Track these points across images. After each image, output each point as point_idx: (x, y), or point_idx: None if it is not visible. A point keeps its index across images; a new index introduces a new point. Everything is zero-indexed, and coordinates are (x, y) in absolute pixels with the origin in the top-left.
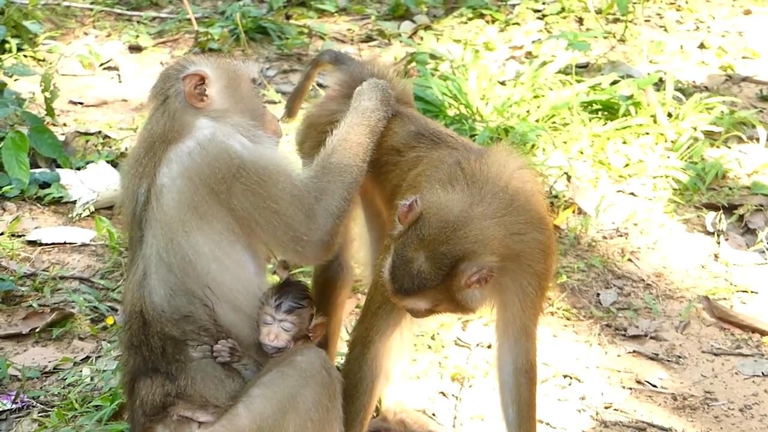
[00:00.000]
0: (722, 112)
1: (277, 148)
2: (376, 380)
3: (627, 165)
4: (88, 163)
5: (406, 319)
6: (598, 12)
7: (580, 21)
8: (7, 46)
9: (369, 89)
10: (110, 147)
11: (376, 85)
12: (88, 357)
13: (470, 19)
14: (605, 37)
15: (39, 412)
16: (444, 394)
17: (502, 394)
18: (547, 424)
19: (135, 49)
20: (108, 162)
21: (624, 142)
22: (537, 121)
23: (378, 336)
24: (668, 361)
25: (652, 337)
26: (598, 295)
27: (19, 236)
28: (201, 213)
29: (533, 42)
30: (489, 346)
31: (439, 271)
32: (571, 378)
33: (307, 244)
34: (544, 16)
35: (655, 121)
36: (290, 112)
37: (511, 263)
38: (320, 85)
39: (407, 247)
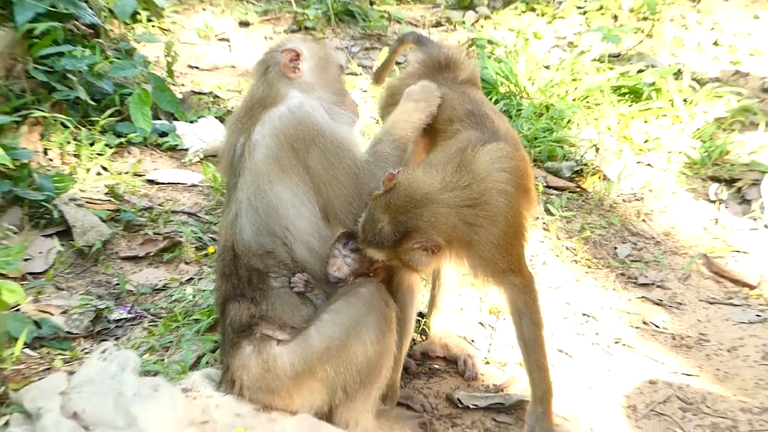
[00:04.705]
0: (729, 100)
1: (352, 128)
2: (410, 301)
3: (646, 141)
4: (200, 117)
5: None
6: (631, 11)
7: (615, 18)
8: (138, 17)
9: (418, 91)
10: (219, 105)
11: (424, 88)
12: (191, 278)
13: (523, 12)
14: (635, 32)
15: (149, 322)
16: (482, 325)
17: (514, 331)
18: (566, 353)
19: (244, 24)
20: (216, 117)
21: (645, 122)
22: (573, 100)
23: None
24: (670, 306)
25: (658, 286)
26: (616, 248)
27: (140, 176)
28: (283, 166)
29: (575, 34)
30: None
31: (394, 234)
32: (588, 316)
33: (350, 215)
34: (585, 12)
35: (672, 105)
36: (377, 80)
37: (465, 245)
38: (398, 63)
39: (378, 209)
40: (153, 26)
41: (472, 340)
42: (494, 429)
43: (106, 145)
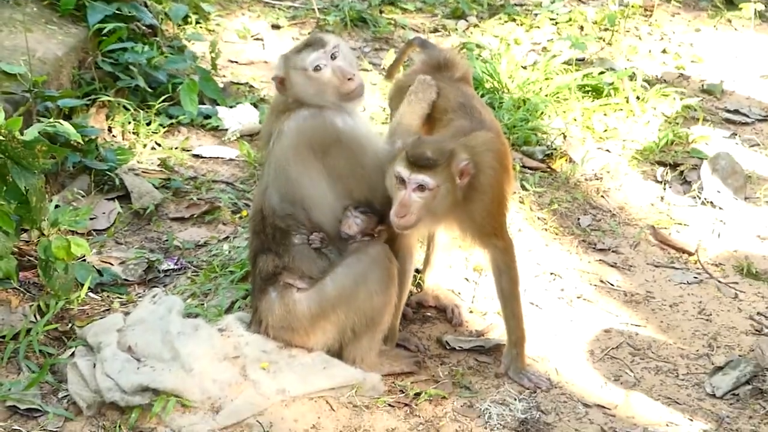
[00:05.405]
0: (674, 99)
1: (366, 120)
2: (409, 259)
3: (605, 130)
4: (237, 103)
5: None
6: (594, 23)
7: (582, 28)
8: (188, 20)
9: (417, 86)
10: (253, 94)
11: (423, 81)
12: (227, 237)
13: (506, 21)
14: (597, 41)
15: (192, 272)
16: (467, 280)
17: (494, 285)
18: (536, 306)
19: (275, 27)
20: (251, 104)
21: (605, 114)
22: (546, 95)
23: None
24: (623, 268)
25: (613, 251)
26: (578, 219)
27: (187, 151)
28: (298, 155)
29: (548, 41)
30: None
31: (441, 156)
32: (555, 275)
33: (378, 193)
34: (556, 23)
35: (627, 102)
36: (388, 76)
37: (464, 205)
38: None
39: (418, 146)
40: (201, 27)
41: (459, 293)
42: (476, 367)
43: (160, 125)
